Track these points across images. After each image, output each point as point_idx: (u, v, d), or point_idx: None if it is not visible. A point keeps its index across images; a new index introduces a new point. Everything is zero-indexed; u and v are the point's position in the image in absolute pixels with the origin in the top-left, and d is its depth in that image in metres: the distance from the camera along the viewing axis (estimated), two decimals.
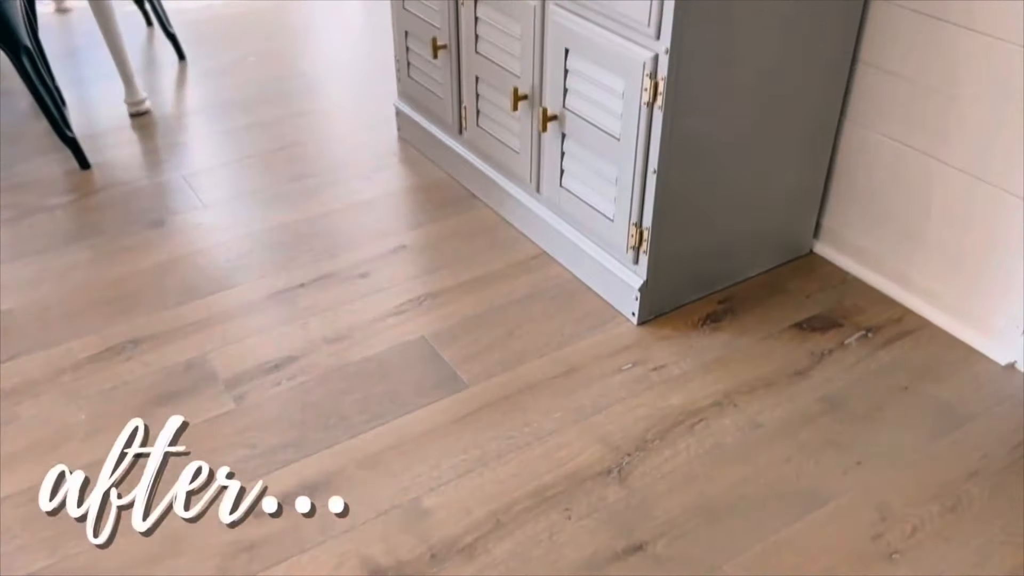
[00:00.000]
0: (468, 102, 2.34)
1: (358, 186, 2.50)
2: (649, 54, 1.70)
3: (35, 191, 2.47)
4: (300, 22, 3.59)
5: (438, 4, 2.30)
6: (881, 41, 1.89)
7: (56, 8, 3.58)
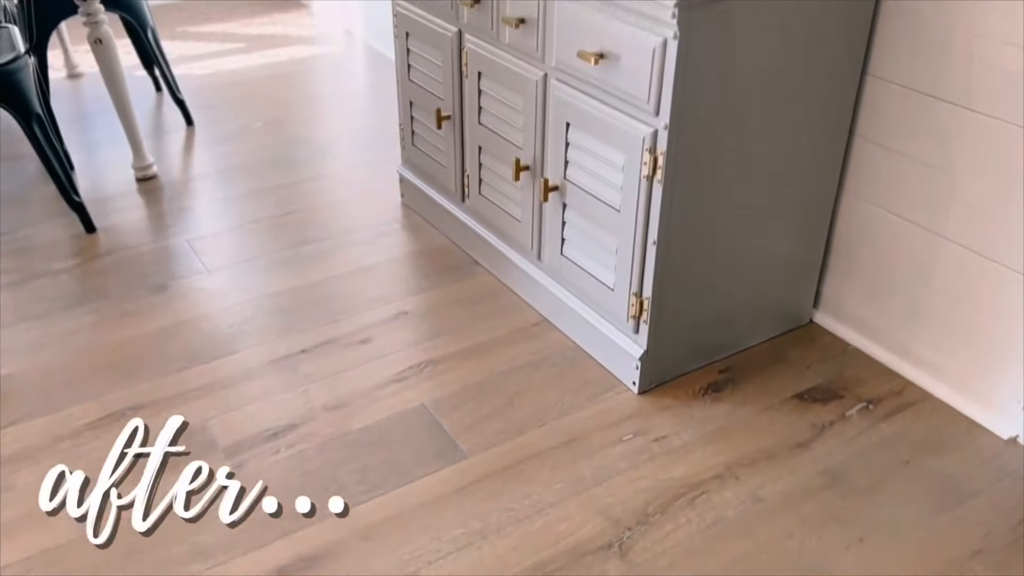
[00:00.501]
0: (471, 171, 2.37)
1: (361, 251, 2.52)
2: (649, 129, 1.74)
3: (40, 255, 2.49)
4: (307, 89, 3.66)
5: (442, 76, 2.35)
6: (878, 117, 1.93)
7: (68, 74, 3.65)
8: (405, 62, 2.52)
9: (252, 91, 3.57)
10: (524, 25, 1.98)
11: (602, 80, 1.81)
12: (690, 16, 1.60)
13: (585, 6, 1.80)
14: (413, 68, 2.49)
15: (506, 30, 2.04)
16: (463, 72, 2.26)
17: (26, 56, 2.43)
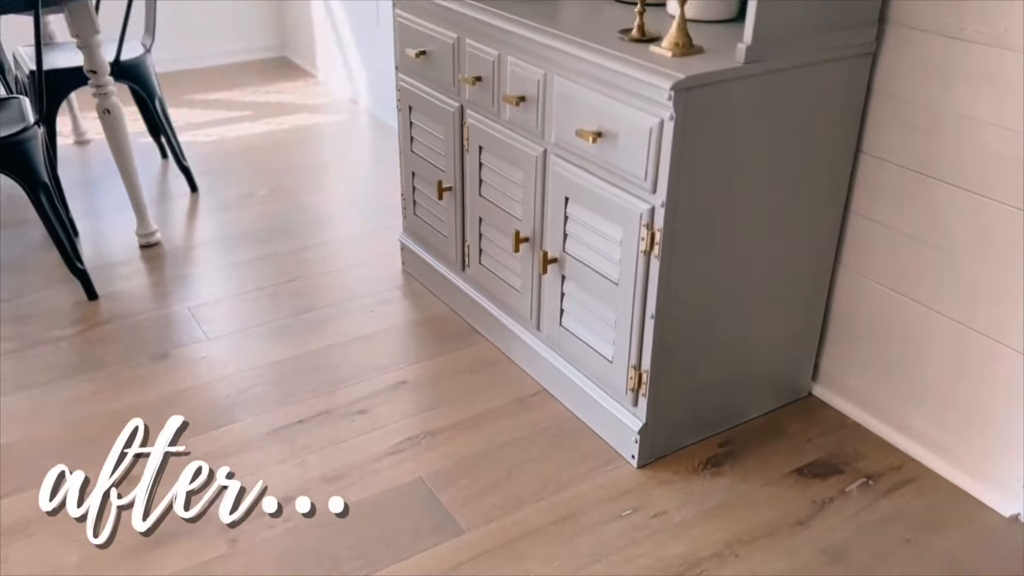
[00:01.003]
0: (471, 241, 2.40)
1: (361, 319, 2.54)
2: (646, 206, 1.76)
3: (41, 322, 2.50)
4: (311, 157, 3.72)
5: (444, 149, 2.39)
6: (873, 194, 1.95)
7: (76, 140, 3.71)
8: (408, 134, 2.56)
9: (257, 158, 3.62)
10: (524, 103, 2.02)
11: (600, 157, 1.84)
12: (686, 98, 1.64)
13: (583, 87, 1.84)
14: (416, 140, 2.54)
15: (507, 107, 2.08)
16: (464, 146, 2.30)
17: (35, 127, 2.47)
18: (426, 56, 2.34)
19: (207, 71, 4.61)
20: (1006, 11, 1.62)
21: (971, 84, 1.71)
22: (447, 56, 2.26)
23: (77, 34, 2.59)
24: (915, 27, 1.77)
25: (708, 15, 1.95)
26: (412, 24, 2.37)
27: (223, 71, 4.63)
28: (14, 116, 2.53)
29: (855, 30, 1.79)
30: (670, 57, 1.72)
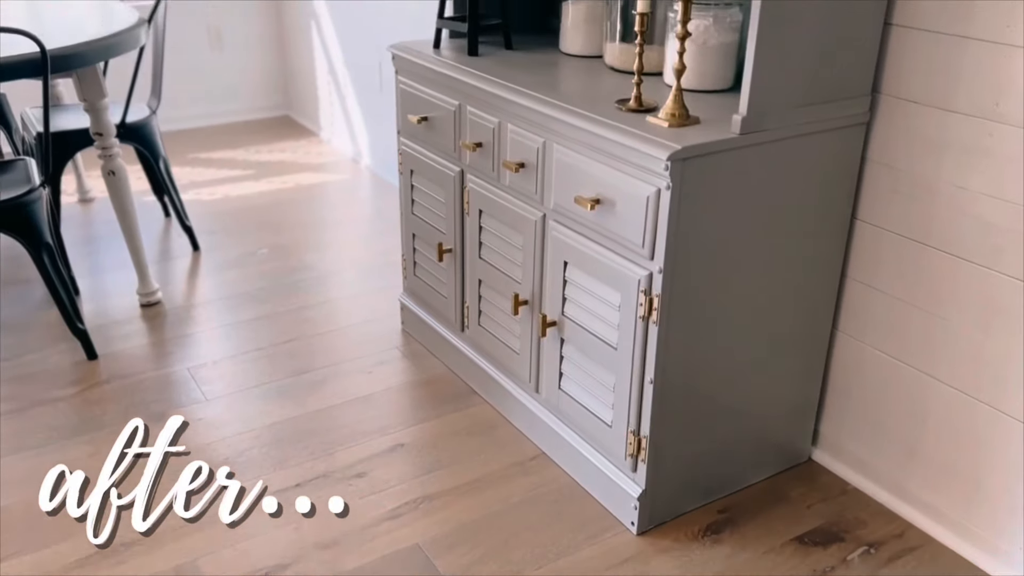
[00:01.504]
0: (471, 302, 2.41)
1: (360, 380, 2.53)
2: (644, 272, 1.78)
3: (40, 382, 2.50)
4: (313, 216, 3.75)
5: (444, 212, 2.42)
6: (869, 260, 1.97)
7: (80, 198, 3.75)
8: (409, 197, 2.59)
9: (259, 217, 3.66)
10: (524, 169, 2.05)
11: (598, 224, 1.87)
12: (682, 168, 1.67)
13: (582, 155, 1.87)
14: (417, 203, 2.57)
15: (507, 173, 2.11)
16: (464, 209, 2.33)
17: (41, 188, 2.50)
18: (428, 122, 2.38)
19: (212, 129, 4.67)
20: (997, 85, 1.66)
21: (965, 155, 1.74)
22: (448, 122, 2.29)
23: (85, 98, 2.63)
24: (908, 99, 1.81)
25: (704, 85, 1.98)
26: (414, 91, 2.42)
27: (227, 130, 4.69)
28: (20, 177, 2.56)
29: (849, 101, 1.83)
30: (667, 127, 1.75)
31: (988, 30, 1.64)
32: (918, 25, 1.76)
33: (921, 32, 1.75)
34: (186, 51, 4.43)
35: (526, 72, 2.18)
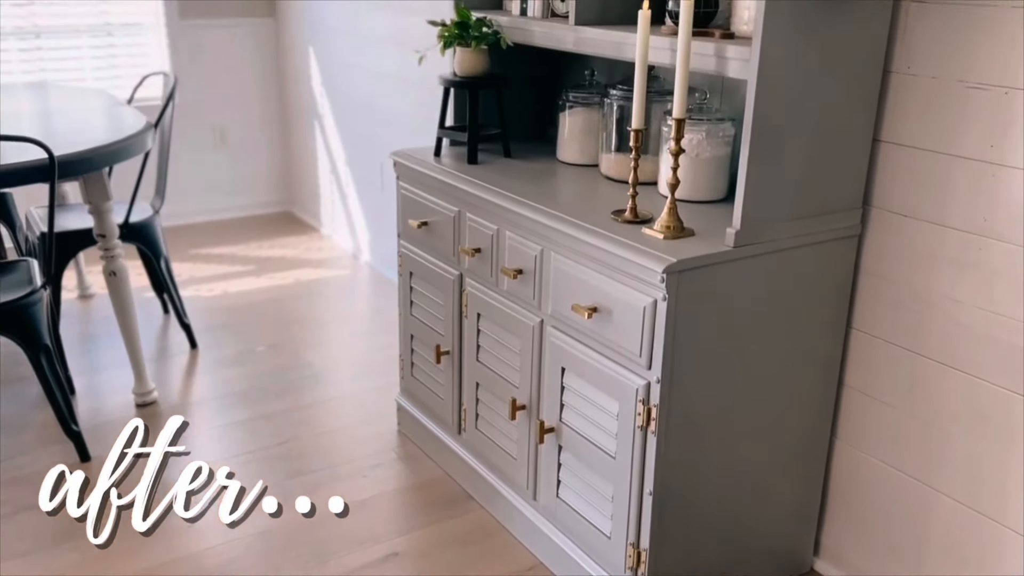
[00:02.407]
0: (468, 405, 2.40)
1: (355, 484, 2.50)
2: (642, 382, 1.78)
3: (32, 485, 2.46)
4: (312, 313, 3.77)
5: (443, 315, 2.44)
6: (865, 370, 1.98)
7: (80, 294, 3.77)
8: (408, 298, 2.61)
9: (258, 314, 3.67)
10: (522, 275, 2.07)
11: (596, 332, 1.88)
12: (678, 280, 1.69)
13: (579, 264, 1.89)
14: (415, 304, 2.58)
15: (505, 279, 2.14)
16: (463, 312, 2.34)
17: (42, 290, 2.52)
18: (428, 227, 2.42)
19: (214, 224, 4.73)
20: (984, 201, 1.69)
21: (956, 268, 1.76)
22: (448, 228, 2.33)
23: (90, 200, 2.68)
24: (898, 212, 1.85)
25: (698, 196, 2.03)
26: (415, 196, 2.46)
27: (229, 225, 4.75)
28: (22, 279, 2.58)
29: (840, 214, 1.86)
30: (662, 239, 1.78)
31: (973, 149, 1.69)
32: (906, 142, 1.81)
33: (909, 149, 1.80)
34: (191, 149, 4.52)
35: (524, 181, 2.23)
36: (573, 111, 2.37)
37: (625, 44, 1.95)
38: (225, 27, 4.56)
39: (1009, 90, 1.61)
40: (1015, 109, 1.61)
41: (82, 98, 3.46)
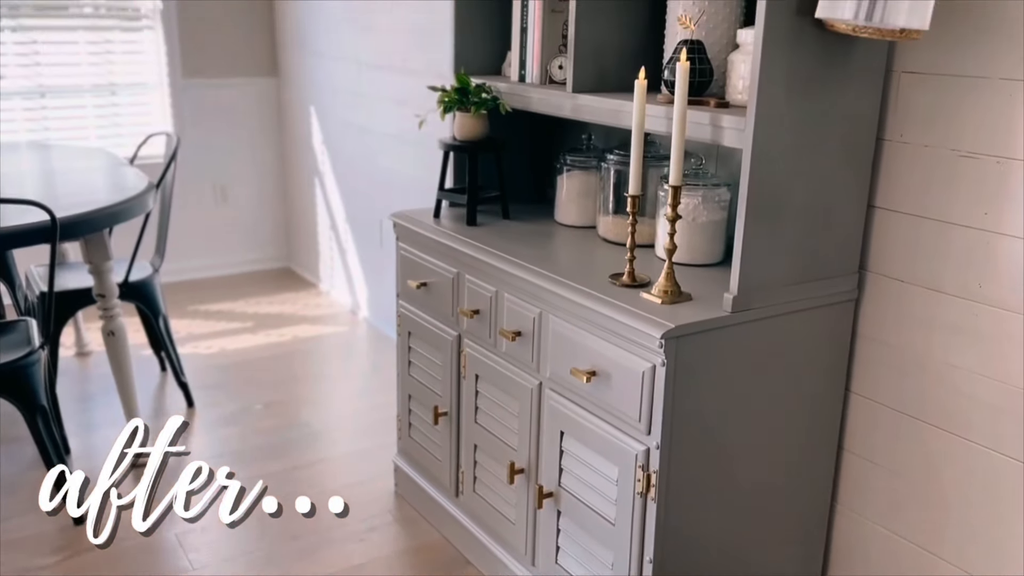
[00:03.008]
0: (466, 468, 2.39)
1: (351, 548, 2.47)
2: (641, 447, 1.77)
3: (24, 549, 2.43)
4: (309, 370, 3.76)
5: (441, 375, 2.43)
6: (864, 434, 1.97)
7: (77, 352, 3.76)
8: (406, 358, 2.61)
9: (255, 371, 3.66)
10: (520, 337, 2.08)
11: (595, 396, 1.87)
12: (676, 345, 1.69)
13: (577, 327, 1.90)
14: (413, 364, 2.58)
15: (503, 340, 2.14)
16: (461, 373, 2.34)
17: (40, 350, 2.52)
18: (427, 287, 2.43)
19: (213, 281, 4.74)
20: (979, 268, 1.71)
21: (953, 334, 1.77)
22: (447, 289, 2.34)
23: (90, 260, 2.69)
24: (894, 277, 1.86)
25: (695, 259, 2.04)
26: (414, 257, 2.48)
27: (228, 281, 4.76)
28: (20, 339, 2.58)
29: (837, 279, 1.87)
30: (660, 304, 1.79)
31: (967, 216, 1.71)
32: (900, 209, 1.83)
33: (904, 215, 1.82)
34: (191, 205, 4.55)
35: (523, 243, 2.24)
36: (571, 174, 2.39)
37: (622, 112, 1.98)
38: (228, 86, 4.63)
39: (1001, 159, 1.64)
40: (1007, 178, 1.64)
41: (85, 158, 3.50)
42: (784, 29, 1.62)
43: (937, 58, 1.72)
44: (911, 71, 1.76)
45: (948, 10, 1.66)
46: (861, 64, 1.74)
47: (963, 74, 1.68)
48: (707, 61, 1.87)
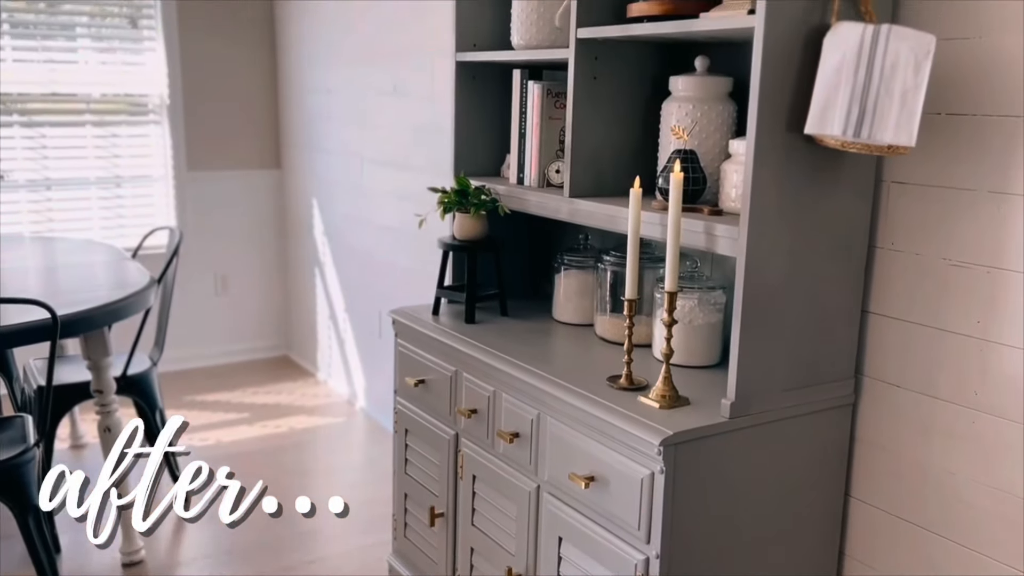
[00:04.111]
0: (462, 571, 2.34)
1: None
2: (640, 556, 1.75)
3: None
4: (305, 463, 3.72)
5: (438, 475, 2.41)
6: (867, 541, 1.95)
7: (72, 444, 3.73)
8: (403, 456, 2.59)
9: (251, 464, 3.62)
10: (518, 439, 2.07)
11: (594, 502, 1.86)
12: (675, 453, 1.69)
13: (575, 431, 1.89)
14: (410, 463, 2.56)
15: (501, 442, 2.13)
16: (459, 473, 2.32)
17: (35, 448, 2.50)
18: (424, 385, 2.43)
19: (210, 370, 4.74)
20: (974, 376, 1.72)
21: (951, 440, 1.77)
22: (445, 387, 2.34)
23: (89, 356, 2.70)
24: (891, 383, 1.87)
25: (692, 361, 2.05)
26: (412, 354, 2.49)
27: (226, 370, 4.76)
28: (15, 436, 2.57)
29: (833, 383, 1.88)
30: (658, 409, 1.79)
31: (960, 324, 1.73)
32: (894, 315, 1.85)
33: (898, 321, 1.84)
34: (192, 296, 4.58)
35: (521, 342, 2.26)
36: (568, 273, 2.42)
37: (617, 218, 2.02)
38: (232, 178, 4.72)
39: (991, 269, 1.67)
40: (998, 287, 1.66)
41: (87, 252, 3.54)
42: (774, 144, 1.67)
43: (925, 170, 1.76)
44: (900, 181, 1.81)
45: (934, 125, 1.71)
46: (851, 175, 1.79)
47: (951, 186, 1.72)
48: (700, 170, 1.92)
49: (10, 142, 4.19)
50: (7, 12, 4.13)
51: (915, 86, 1.53)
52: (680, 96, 2.03)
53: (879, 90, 1.55)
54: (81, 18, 4.31)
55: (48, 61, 4.24)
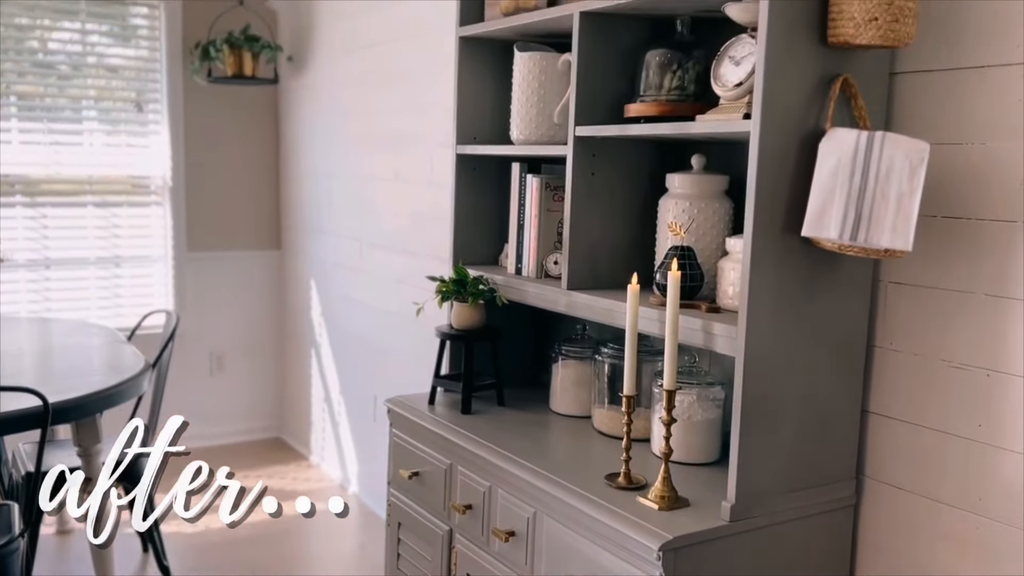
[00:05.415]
0: None
1: None
2: None
3: None
4: (294, 552, 3.64)
5: (431, 571, 2.35)
6: None
7: (57, 529, 3.65)
8: (395, 550, 2.53)
9: (239, 553, 3.54)
10: (514, 538, 2.02)
11: None
12: (675, 558, 1.65)
13: (573, 532, 1.85)
14: (403, 558, 2.50)
15: (496, 540, 2.08)
16: (452, 571, 2.26)
17: (19, 538, 2.44)
18: (419, 477, 2.39)
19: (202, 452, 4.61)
20: (978, 480, 1.69)
21: (956, 546, 1.73)
22: (439, 480, 2.30)
23: (79, 443, 2.66)
24: (893, 484, 1.84)
25: (691, 458, 2.02)
26: (407, 445, 2.45)
27: (217, 452, 4.68)
28: (1, 526, 2.51)
29: (835, 485, 1.85)
30: (656, 510, 1.75)
31: (962, 427, 1.71)
32: (895, 416, 1.83)
33: (898, 422, 1.83)
34: (186, 376, 4.54)
35: (517, 434, 2.23)
36: (566, 363, 2.41)
37: (615, 312, 2.02)
38: (231, 259, 4.74)
39: (991, 372, 1.66)
40: (998, 391, 1.65)
41: (83, 334, 3.52)
42: (771, 245, 1.68)
43: (922, 271, 1.77)
44: (898, 282, 1.81)
45: (931, 227, 1.73)
46: (849, 275, 1.79)
47: (949, 288, 1.73)
48: (697, 267, 1.93)
49: (11, 222, 4.22)
50: (15, 96, 4.20)
51: (910, 191, 1.55)
52: (677, 193, 2.05)
53: (875, 194, 1.57)
54: (88, 101, 4.39)
55: (54, 143, 4.30)
